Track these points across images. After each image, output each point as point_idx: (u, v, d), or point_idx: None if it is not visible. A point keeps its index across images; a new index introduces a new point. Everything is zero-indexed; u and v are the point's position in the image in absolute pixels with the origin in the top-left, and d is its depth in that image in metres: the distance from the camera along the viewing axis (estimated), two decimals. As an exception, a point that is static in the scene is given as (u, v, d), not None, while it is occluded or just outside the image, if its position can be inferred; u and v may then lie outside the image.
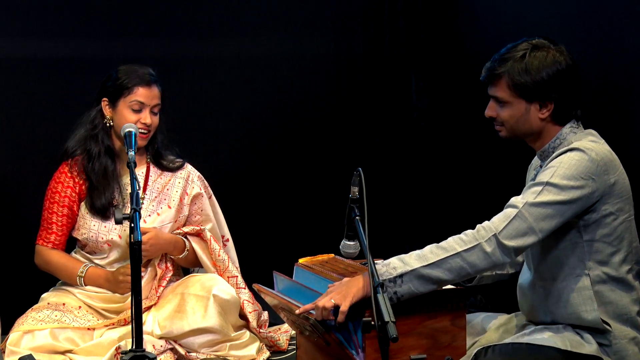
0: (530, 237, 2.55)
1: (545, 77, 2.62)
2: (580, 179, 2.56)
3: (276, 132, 4.76)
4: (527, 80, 2.62)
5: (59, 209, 3.54)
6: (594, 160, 2.57)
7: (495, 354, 2.57)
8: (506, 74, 2.65)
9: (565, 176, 2.55)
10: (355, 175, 2.67)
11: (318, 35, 4.83)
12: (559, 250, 2.66)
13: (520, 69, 2.63)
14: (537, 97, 2.64)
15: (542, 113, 2.66)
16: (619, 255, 2.64)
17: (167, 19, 4.44)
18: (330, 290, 2.61)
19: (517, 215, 2.55)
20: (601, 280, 2.63)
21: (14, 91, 4.11)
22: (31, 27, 4.12)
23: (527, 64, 2.63)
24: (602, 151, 2.61)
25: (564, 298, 2.66)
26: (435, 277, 2.55)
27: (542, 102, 2.65)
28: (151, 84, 3.50)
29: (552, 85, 2.63)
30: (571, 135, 2.68)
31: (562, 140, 2.68)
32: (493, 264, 2.56)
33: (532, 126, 2.69)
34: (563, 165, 2.57)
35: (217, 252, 3.62)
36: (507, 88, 2.66)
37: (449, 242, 2.58)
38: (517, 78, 2.63)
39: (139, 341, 2.75)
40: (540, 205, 2.55)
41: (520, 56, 2.64)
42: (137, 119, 3.46)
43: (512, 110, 2.68)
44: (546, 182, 2.56)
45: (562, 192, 2.55)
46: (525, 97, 2.65)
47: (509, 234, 2.54)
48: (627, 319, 2.64)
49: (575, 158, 2.58)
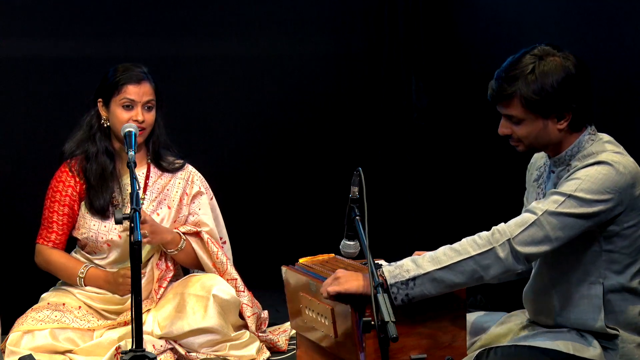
0: (545, 246, 2.52)
1: (560, 90, 2.53)
2: (606, 193, 2.51)
3: (276, 132, 4.76)
4: (542, 97, 2.53)
5: (60, 208, 3.54)
6: (621, 174, 2.53)
7: (498, 356, 2.56)
8: (518, 92, 2.54)
9: (591, 190, 2.51)
10: (355, 175, 2.67)
11: (318, 35, 4.83)
12: (577, 257, 2.62)
13: (532, 87, 2.53)
14: (553, 111, 2.56)
15: (561, 124, 2.59)
16: (635, 266, 2.62)
17: (167, 19, 4.44)
18: (334, 275, 2.61)
19: (535, 222, 2.52)
20: (615, 290, 2.61)
21: (14, 91, 4.11)
22: (31, 27, 4.12)
23: (539, 79, 2.52)
24: (628, 164, 2.56)
25: (573, 303, 2.64)
26: (449, 280, 2.54)
27: (559, 114, 2.57)
28: (141, 80, 3.49)
29: (568, 96, 2.55)
30: (589, 143, 2.62)
31: (580, 148, 2.62)
32: (506, 269, 2.53)
33: (552, 139, 2.62)
34: (589, 179, 2.52)
35: (215, 254, 3.61)
36: (521, 107, 2.56)
37: (462, 245, 2.56)
38: (531, 96, 2.53)
39: (139, 341, 2.75)
40: (560, 215, 2.51)
41: (529, 72, 2.54)
42: (129, 117, 3.45)
43: (529, 127, 2.59)
44: (569, 195, 2.51)
45: (585, 205, 2.50)
46: (542, 113, 2.56)
47: (524, 240, 2.52)
48: (635, 327, 2.63)
49: (602, 172, 2.52)
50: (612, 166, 2.53)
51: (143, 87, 3.49)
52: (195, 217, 3.66)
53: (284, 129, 4.78)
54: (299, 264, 3.01)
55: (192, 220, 3.65)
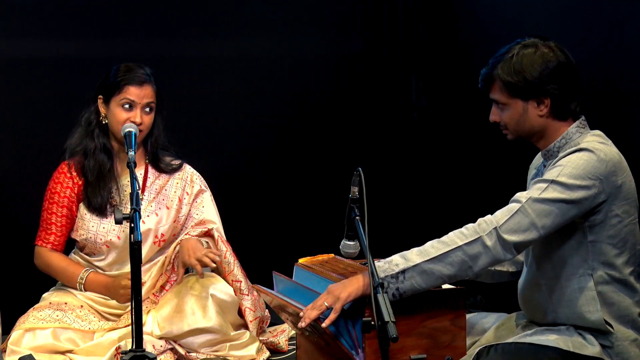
0: (531, 233, 2.54)
1: (535, 74, 2.63)
2: (588, 179, 2.55)
3: (276, 132, 4.76)
4: (519, 79, 2.63)
5: (58, 209, 3.54)
6: (602, 161, 2.57)
7: (498, 353, 2.56)
8: (498, 76, 2.67)
9: (572, 175, 2.55)
10: (355, 175, 2.67)
11: (318, 35, 4.83)
12: (563, 249, 2.65)
13: (510, 69, 2.64)
14: (531, 95, 2.65)
15: (541, 110, 2.66)
16: (623, 257, 2.63)
17: (167, 19, 4.44)
18: (327, 290, 2.61)
19: (520, 210, 2.55)
20: (604, 281, 2.62)
21: (14, 91, 4.11)
22: (31, 27, 4.12)
23: (516, 63, 2.64)
24: (610, 152, 2.60)
25: (567, 298, 2.65)
26: (438, 272, 2.55)
27: (537, 98, 2.65)
28: (143, 83, 3.49)
29: (544, 80, 2.63)
30: (577, 135, 2.67)
31: (567, 140, 2.67)
32: (494, 258, 2.55)
33: (533, 125, 2.69)
34: (571, 165, 2.57)
35: (224, 254, 3.60)
36: (501, 90, 2.68)
37: (449, 236, 2.59)
38: (508, 78, 2.64)
39: (139, 341, 2.75)
40: (544, 201, 2.54)
41: (510, 57, 2.66)
42: (127, 117, 3.45)
43: (511, 112, 2.69)
44: (552, 180, 2.56)
45: (567, 190, 2.54)
46: (520, 96, 2.66)
47: (510, 228, 2.54)
48: (628, 320, 2.64)
49: (583, 158, 2.57)
50: (592, 152, 2.58)
51: (145, 89, 3.48)
52: (200, 216, 3.66)
53: (284, 129, 4.78)
54: (278, 274, 3.01)
55: (197, 219, 3.65)
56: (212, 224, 3.65)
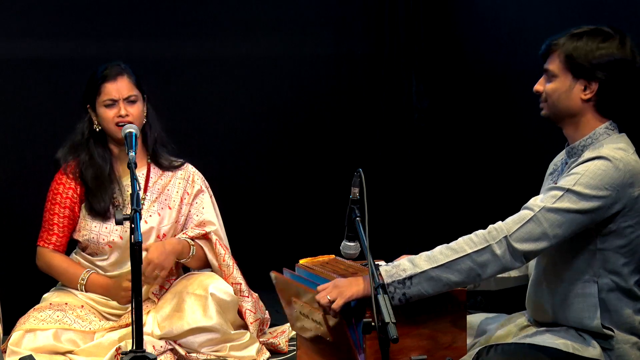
0: (543, 243, 2.51)
1: (596, 57, 2.59)
2: (604, 189, 2.51)
3: (276, 132, 4.76)
4: (579, 55, 2.60)
5: (60, 210, 3.54)
6: (619, 171, 2.52)
7: (498, 353, 2.56)
8: (562, 46, 2.63)
9: (589, 185, 2.51)
10: (355, 176, 2.67)
11: (318, 36, 4.83)
12: (571, 254, 2.62)
13: (575, 45, 2.61)
14: (582, 74, 2.60)
15: (585, 94, 2.61)
16: (630, 266, 2.61)
17: (167, 19, 4.44)
18: (332, 283, 2.61)
19: (532, 218, 2.51)
20: (609, 289, 2.61)
21: (14, 91, 4.11)
22: (31, 27, 4.12)
23: (584, 41, 2.60)
24: (629, 162, 2.56)
25: (569, 301, 2.64)
26: (445, 279, 2.53)
27: (587, 81, 2.61)
28: (117, 76, 3.49)
29: (601, 66, 2.59)
30: (604, 137, 2.63)
31: (594, 140, 2.63)
32: (503, 266, 2.53)
33: (571, 105, 2.64)
34: (588, 174, 2.52)
35: (222, 257, 3.61)
36: (558, 61, 2.63)
37: (458, 243, 2.55)
38: (570, 51, 2.61)
39: (139, 342, 2.75)
40: (558, 211, 2.51)
41: (580, 34, 2.63)
42: (113, 115, 3.46)
43: (557, 84, 2.64)
44: (567, 189, 2.52)
45: (582, 200, 2.50)
46: (573, 71, 2.61)
47: (521, 237, 2.51)
48: (629, 327, 2.63)
49: (601, 167, 2.53)
50: (610, 162, 2.53)
51: (120, 82, 3.49)
52: (200, 217, 3.65)
53: (285, 130, 4.78)
54: (288, 270, 3.01)
55: (197, 220, 3.65)
56: (212, 225, 3.65)
